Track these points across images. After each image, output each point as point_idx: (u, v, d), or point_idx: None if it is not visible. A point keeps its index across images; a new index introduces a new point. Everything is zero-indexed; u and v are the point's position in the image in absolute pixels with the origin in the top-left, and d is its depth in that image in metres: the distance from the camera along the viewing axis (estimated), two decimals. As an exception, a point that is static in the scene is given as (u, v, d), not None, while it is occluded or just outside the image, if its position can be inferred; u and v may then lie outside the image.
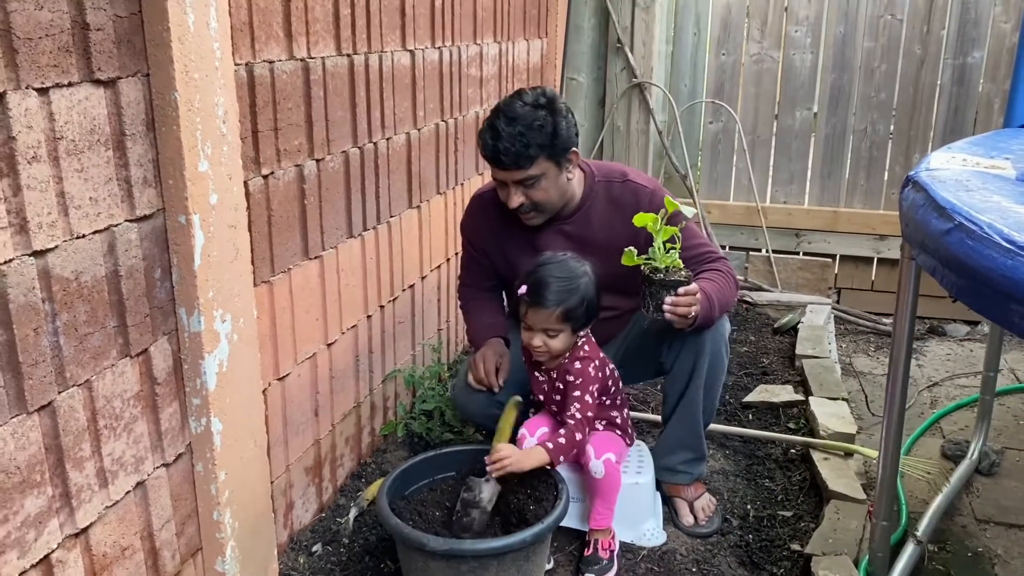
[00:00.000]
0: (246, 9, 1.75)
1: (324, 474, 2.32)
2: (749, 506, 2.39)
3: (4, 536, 1.24)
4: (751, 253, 4.32)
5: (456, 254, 3.04)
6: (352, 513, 2.28)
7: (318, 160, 2.09)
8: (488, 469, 1.91)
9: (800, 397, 2.97)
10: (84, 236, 1.35)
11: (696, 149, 4.38)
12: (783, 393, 3.01)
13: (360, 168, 2.31)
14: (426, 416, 2.67)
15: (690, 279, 1.97)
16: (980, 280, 1.29)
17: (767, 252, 4.24)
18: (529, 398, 2.26)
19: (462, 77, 2.98)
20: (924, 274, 1.63)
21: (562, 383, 2.08)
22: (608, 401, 2.17)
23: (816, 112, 4.18)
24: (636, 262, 1.97)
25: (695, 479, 2.32)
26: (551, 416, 2.19)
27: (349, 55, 2.18)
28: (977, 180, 1.64)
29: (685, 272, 1.98)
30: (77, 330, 1.35)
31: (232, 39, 1.65)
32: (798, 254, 4.28)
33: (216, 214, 1.60)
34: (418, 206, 2.73)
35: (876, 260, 4.17)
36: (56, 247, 1.29)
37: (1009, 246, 1.24)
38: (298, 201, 2.03)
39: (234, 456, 1.73)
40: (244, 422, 1.76)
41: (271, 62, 1.86)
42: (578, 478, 2.16)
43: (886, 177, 4.11)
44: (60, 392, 1.32)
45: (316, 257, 2.13)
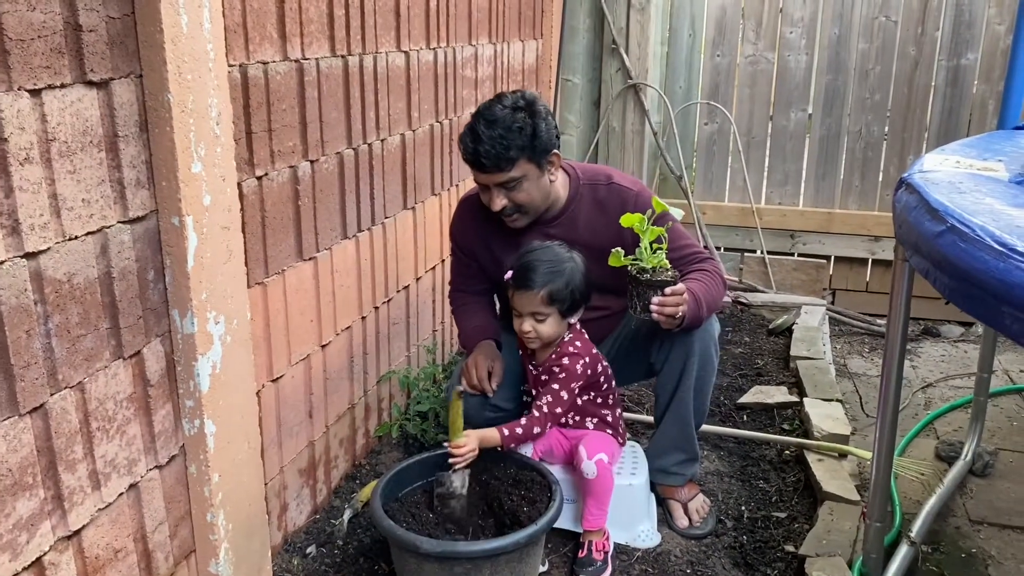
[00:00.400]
0: (240, 10, 1.75)
1: (318, 476, 2.31)
2: (743, 507, 2.40)
3: (-4, 539, 1.24)
4: (746, 254, 4.33)
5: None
6: (346, 515, 2.28)
7: (312, 161, 2.09)
8: (452, 462, 1.96)
9: (794, 398, 2.97)
10: (77, 238, 1.35)
11: (691, 150, 4.39)
12: (777, 394, 3.02)
13: (355, 169, 2.31)
14: (421, 417, 2.67)
15: (677, 279, 1.99)
16: (972, 282, 1.29)
17: (762, 253, 4.25)
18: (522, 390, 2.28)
19: (457, 78, 2.97)
20: (918, 275, 1.63)
21: (547, 375, 2.10)
22: (600, 399, 2.18)
23: (811, 113, 4.18)
24: (623, 263, 1.99)
25: (688, 480, 2.33)
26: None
27: (343, 56, 2.18)
28: (970, 182, 1.64)
29: (672, 272, 1.99)
30: (70, 332, 1.35)
31: (226, 40, 1.65)
32: (793, 255, 4.29)
33: (209, 215, 1.59)
34: (413, 207, 2.73)
35: (871, 261, 4.18)
36: (48, 249, 1.29)
37: (1001, 248, 1.25)
38: (292, 202, 2.02)
39: (228, 458, 1.73)
40: (238, 424, 1.76)
41: (265, 63, 1.86)
42: (572, 479, 2.16)
43: (880, 178, 4.12)
44: (52, 394, 1.32)
45: (310, 258, 2.13)
